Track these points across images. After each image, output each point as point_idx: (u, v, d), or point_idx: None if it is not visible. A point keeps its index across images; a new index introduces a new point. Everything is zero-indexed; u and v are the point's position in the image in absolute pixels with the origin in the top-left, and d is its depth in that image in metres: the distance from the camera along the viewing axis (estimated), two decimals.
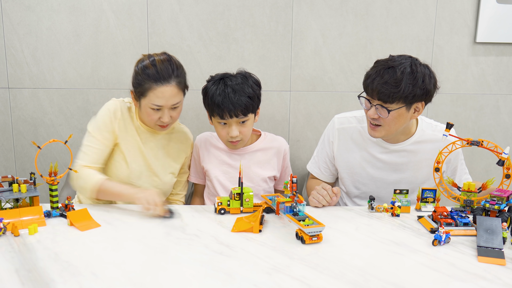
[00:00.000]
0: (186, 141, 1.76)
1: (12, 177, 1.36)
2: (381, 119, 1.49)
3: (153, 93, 1.50)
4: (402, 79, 1.42)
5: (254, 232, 1.27)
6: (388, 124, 1.49)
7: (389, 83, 1.42)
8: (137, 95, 1.55)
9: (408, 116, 1.49)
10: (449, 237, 1.22)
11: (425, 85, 1.44)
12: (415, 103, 1.47)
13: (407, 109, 1.47)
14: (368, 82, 1.47)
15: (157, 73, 1.49)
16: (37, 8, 2.00)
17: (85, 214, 1.35)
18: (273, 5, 2.06)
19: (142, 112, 1.57)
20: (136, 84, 1.54)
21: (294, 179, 1.30)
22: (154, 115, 1.54)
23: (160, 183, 1.67)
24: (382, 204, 1.48)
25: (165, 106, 1.52)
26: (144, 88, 1.51)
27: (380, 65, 1.48)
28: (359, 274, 1.04)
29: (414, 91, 1.43)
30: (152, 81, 1.50)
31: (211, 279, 1.01)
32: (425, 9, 2.09)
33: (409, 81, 1.42)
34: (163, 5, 2.03)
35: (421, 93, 1.44)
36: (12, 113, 2.10)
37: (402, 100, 1.44)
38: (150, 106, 1.52)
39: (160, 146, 1.68)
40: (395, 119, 1.48)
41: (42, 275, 1.01)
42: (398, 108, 1.45)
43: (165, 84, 1.50)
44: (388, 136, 1.57)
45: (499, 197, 1.31)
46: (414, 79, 1.43)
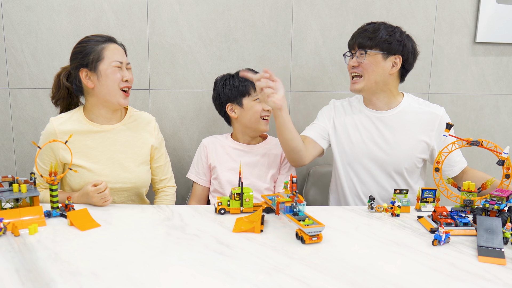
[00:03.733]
0: (148, 125, 1.73)
1: (12, 177, 1.36)
2: (360, 67, 1.62)
3: (108, 50, 1.56)
4: (380, 28, 1.61)
5: (256, 232, 1.27)
6: (367, 72, 1.62)
7: (368, 30, 1.61)
8: (93, 65, 1.55)
9: (385, 67, 1.62)
10: (449, 237, 1.22)
11: (402, 39, 1.61)
12: (392, 55, 1.61)
13: (384, 58, 1.61)
14: (351, 37, 1.66)
15: (101, 37, 1.60)
16: (37, 8, 2.00)
17: (85, 214, 1.35)
18: (273, 5, 2.06)
19: (103, 79, 1.56)
20: (86, 54, 1.55)
21: (294, 179, 1.30)
22: (118, 73, 1.57)
23: (134, 178, 1.65)
24: (382, 205, 1.48)
25: (123, 63, 1.59)
26: (97, 50, 1.55)
27: None
28: (359, 274, 1.04)
29: (390, 40, 1.59)
30: (101, 42, 1.57)
31: (211, 279, 1.01)
32: (425, 9, 2.09)
33: (387, 30, 1.60)
34: (163, 5, 2.03)
35: (397, 45, 1.60)
36: (12, 113, 2.10)
37: (379, 47, 1.60)
38: (112, 64, 1.56)
39: (119, 140, 1.65)
40: (373, 65, 1.61)
41: (42, 275, 1.01)
42: (375, 53, 1.60)
43: (113, 43, 1.60)
44: (368, 90, 1.66)
45: (499, 197, 1.31)
46: (392, 30, 1.61)
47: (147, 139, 1.70)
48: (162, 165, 1.77)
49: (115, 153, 1.63)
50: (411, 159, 1.67)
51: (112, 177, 1.60)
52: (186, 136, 2.17)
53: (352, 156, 1.72)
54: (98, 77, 1.56)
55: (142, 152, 1.68)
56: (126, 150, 1.65)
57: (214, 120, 2.14)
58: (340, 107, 1.80)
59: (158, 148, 1.74)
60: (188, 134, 2.16)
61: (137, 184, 1.66)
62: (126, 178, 1.63)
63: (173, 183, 1.82)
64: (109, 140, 1.62)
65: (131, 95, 2.09)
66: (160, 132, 1.77)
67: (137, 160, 1.66)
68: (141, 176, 1.67)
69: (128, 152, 1.65)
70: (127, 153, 1.65)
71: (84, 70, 1.56)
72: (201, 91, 2.12)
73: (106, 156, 1.61)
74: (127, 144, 1.65)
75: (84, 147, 1.59)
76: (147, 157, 1.70)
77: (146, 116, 1.75)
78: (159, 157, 1.75)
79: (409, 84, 2.16)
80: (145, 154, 1.69)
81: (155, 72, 2.09)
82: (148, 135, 1.71)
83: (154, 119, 1.76)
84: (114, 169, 1.62)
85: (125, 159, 1.64)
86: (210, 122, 2.15)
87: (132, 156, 1.66)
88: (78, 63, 1.57)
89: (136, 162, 1.66)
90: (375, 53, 1.60)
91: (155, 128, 1.74)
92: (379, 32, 1.59)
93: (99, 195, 1.45)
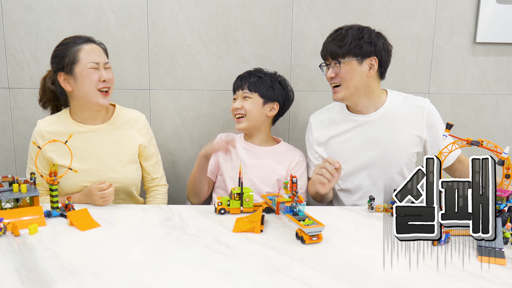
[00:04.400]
0: (136, 123, 1.71)
1: (12, 177, 1.36)
2: (338, 76, 1.61)
3: (84, 51, 1.54)
4: (347, 34, 1.59)
5: (256, 232, 1.27)
6: (345, 80, 1.61)
7: (336, 39, 1.60)
8: (69, 68, 1.54)
9: (362, 71, 1.60)
10: (449, 237, 1.22)
11: (371, 40, 1.58)
12: (367, 57, 1.59)
13: (359, 63, 1.59)
14: (322, 48, 1.66)
15: (77, 38, 1.58)
16: (37, 8, 2.00)
17: (85, 214, 1.35)
18: (273, 5, 2.06)
19: (80, 81, 1.54)
20: (62, 57, 1.54)
21: (294, 179, 1.30)
22: (94, 75, 1.54)
23: (121, 177, 1.64)
24: (382, 205, 1.48)
25: (100, 63, 1.56)
26: (72, 53, 1.54)
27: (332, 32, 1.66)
28: (359, 274, 1.04)
29: (360, 44, 1.57)
30: (76, 44, 1.56)
31: (211, 279, 1.01)
32: (425, 9, 2.09)
33: (354, 35, 1.58)
34: (163, 5, 2.03)
35: (368, 46, 1.58)
36: (12, 113, 2.10)
37: (352, 54, 1.58)
38: (88, 66, 1.54)
39: (105, 139, 1.64)
40: (349, 73, 1.59)
41: (42, 275, 1.01)
42: (349, 60, 1.58)
43: (89, 43, 1.58)
44: (351, 97, 1.64)
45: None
46: (359, 34, 1.58)
47: (135, 137, 1.69)
48: (153, 164, 1.75)
49: (101, 153, 1.62)
50: (406, 155, 1.67)
51: (98, 177, 1.59)
52: (186, 136, 2.16)
53: (349, 167, 1.70)
54: (75, 80, 1.55)
55: (130, 151, 1.67)
56: (113, 150, 1.64)
57: (214, 120, 2.14)
58: (319, 124, 1.77)
59: (148, 147, 1.72)
60: (188, 134, 2.16)
61: (125, 184, 1.65)
62: (113, 178, 1.61)
63: (164, 182, 1.81)
64: (95, 140, 1.62)
65: (131, 94, 2.10)
66: (150, 131, 1.76)
67: (124, 160, 1.65)
68: (129, 175, 1.66)
69: (115, 151, 1.64)
70: (113, 153, 1.64)
71: (61, 74, 1.56)
72: (201, 91, 2.12)
73: (92, 156, 1.60)
74: (113, 144, 1.64)
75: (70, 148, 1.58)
76: (135, 156, 1.69)
77: (135, 114, 1.73)
78: (150, 156, 1.74)
79: (409, 84, 2.16)
80: (133, 153, 1.68)
81: (155, 72, 2.09)
82: (136, 134, 1.69)
83: (143, 117, 1.74)
84: (101, 169, 1.61)
85: (112, 159, 1.63)
86: (210, 122, 2.15)
87: (119, 156, 1.64)
88: (56, 67, 1.57)
89: (123, 162, 1.65)
90: (349, 60, 1.58)
91: (144, 127, 1.72)
92: (347, 38, 1.58)
93: (100, 194, 1.46)
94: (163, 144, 2.16)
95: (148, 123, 1.76)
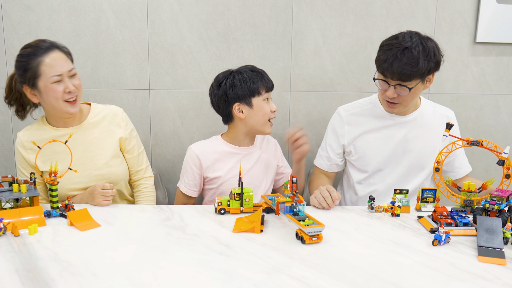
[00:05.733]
0: (115, 117, 1.69)
1: (12, 177, 1.36)
2: (400, 97, 1.58)
3: (45, 65, 1.48)
4: (419, 58, 1.50)
5: (256, 232, 1.27)
6: (406, 100, 1.60)
7: (408, 63, 1.50)
8: (31, 81, 1.51)
9: (422, 89, 1.61)
10: (449, 237, 1.22)
11: (436, 58, 1.55)
12: (429, 75, 1.58)
13: (422, 83, 1.58)
14: (386, 66, 1.53)
15: (37, 48, 1.50)
16: (37, 8, 2.00)
17: (85, 214, 1.35)
18: (273, 5, 2.06)
19: (45, 96, 1.52)
20: (24, 71, 1.50)
21: (294, 179, 1.30)
22: (58, 88, 1.50)
23: (106, 173, 1.63)
24: (383, 204, 1.48)
25: (64, 74, 1.50)
26: (33, 67, 1.48)
27: (393, 47, 1.53)
28: (359, 274, 1.04)
29: (430, 66, 1.53)
30: (37, 56, 1.48)
31: (211, 279, 1.01)
32: (425, 9, 2.09)
33: (425, 57, 1.51)
34: (163, 5, 2.03)
35: (434, 66, 1.56)
36: (12, 113, 2.10)
37: (420, 76, 1.54)
38: (50, 80, 1.49)
39: (86, 138, 1.63)
40: (413, 94, 1.58)
41: (42, 275, 1.01)
42: (416, 84, 1.55)
43: (50, 52, 1.50)
44: (404, 110, 1.67)
45: (499, 197, 1.31)
46: (427, 55, 1.52)
47: (115, 132, 1.68)
48: (135, 156, 1.74)
49: (83, 153, 1.62)
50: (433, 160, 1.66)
51: (85, 177, 1.60)
52: (186, 136, 2.16)
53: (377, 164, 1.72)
54: (40, 93, 1.52)
55: (112, 146, 1.66)
56: (95, 147, 1.63)
57: (214, 120, 2.14)
58: (351, 117, 1.76)
59: (129, 139, 1.70)
60: (188, 134, 2.16)
61: (112, 179, 1.65)
62: (99, 175, 1.62)
63: (150, 173, 1.79)
64: (75, 141, 1.61)
65: (131, 94, 2.10)
66: (129, 123, 1.73)
67: (107, 155, 1.65)
68: (114, 170, 1.66)
69: (97, 149, 1.64)
70: (95, 151, 1.63)
71: (26, 87, 1.53)
72: (201, 91, 2.12)
73: (76, 157, 1.59)
74: (94, 142, 1.64)
75: (53, 154, 1.58)
76: (117, 150, 1.68)
77: (112, 109, 1.71)
78: (131, 148, 1.72)
79: None
80: (115, 147, 1.67)
81: (155, 72, 2.09)
82: (115, 128, 1.68)
83: (121, 110, 1.72)
84: (85, 168, 1.61)
85: (95, 157, 1.63)
86: (210, 122, 2.15)
87: (101, 153, 1.64)
88: (19, 79, 1.54)
89: (106, 158, 1.64)
90: (416, 83, 1.55)
91: (123, 119, 1.70)
92: (419, 64, 1.50)
93: (102, 191, 1.48)
94: (163, 144, 2.16)
95: (127, 115, 1.73)
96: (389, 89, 1.57)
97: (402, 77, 1.52)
